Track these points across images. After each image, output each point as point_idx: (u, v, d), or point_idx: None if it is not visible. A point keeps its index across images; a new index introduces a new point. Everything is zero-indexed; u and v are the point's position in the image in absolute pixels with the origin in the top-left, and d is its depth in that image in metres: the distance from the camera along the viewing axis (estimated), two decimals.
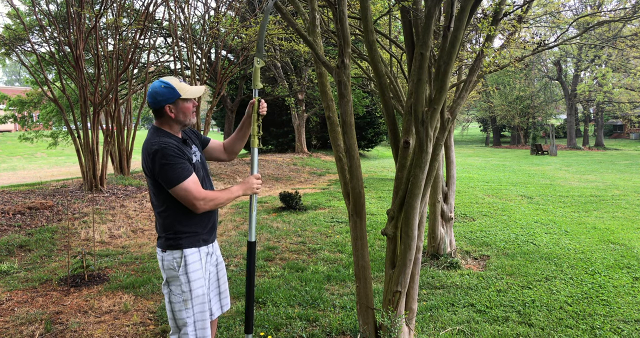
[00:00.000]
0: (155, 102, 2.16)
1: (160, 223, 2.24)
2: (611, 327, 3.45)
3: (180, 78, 2.28)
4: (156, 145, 2.09)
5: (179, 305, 2.22)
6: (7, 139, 27.85)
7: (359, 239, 2.89)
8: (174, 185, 2.09)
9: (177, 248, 2.21)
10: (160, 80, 2.19)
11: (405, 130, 2.77)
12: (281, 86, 18.70)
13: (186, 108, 2.22)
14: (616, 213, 7.83)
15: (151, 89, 2.17)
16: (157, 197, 2.20)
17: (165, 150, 2.08)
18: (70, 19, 8.83)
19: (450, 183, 5.34)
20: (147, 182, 2.25)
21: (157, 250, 2.30)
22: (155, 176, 2.12)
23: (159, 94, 2.15)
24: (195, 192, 2.12)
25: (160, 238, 2.27)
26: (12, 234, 5.97)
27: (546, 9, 5.93)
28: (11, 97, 16.55)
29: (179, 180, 2.09)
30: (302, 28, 3.13)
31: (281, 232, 6.53)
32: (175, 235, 2.21)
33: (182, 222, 2.21)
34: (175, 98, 2.17)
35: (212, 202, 2.18)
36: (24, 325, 3.44)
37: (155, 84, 2.17)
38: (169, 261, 2.21)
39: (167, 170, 2.08)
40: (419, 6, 2.86)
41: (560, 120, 47.30)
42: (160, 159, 2.07)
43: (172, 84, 2.17)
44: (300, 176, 14.46)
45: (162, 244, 2.23)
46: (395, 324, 2.74)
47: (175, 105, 2.19)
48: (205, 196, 2.15)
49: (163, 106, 2.17)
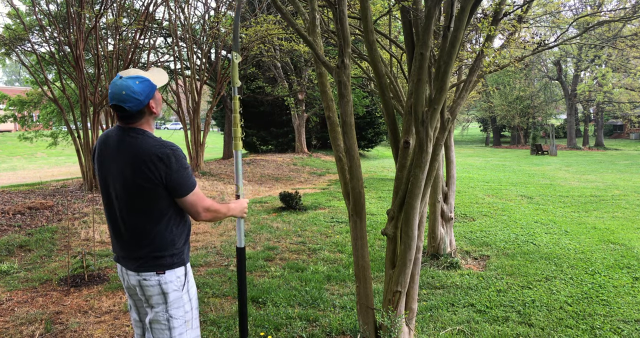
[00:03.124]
0: (137, 103, 1.84)
1: (156, 242, 1.91)
2: (611, 327, 3.45)
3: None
4: (168, 149, 1.84)
5: (181, 328, 1.98)
6: (7, 139, 27.86)
7: (359, 239, 2.89)
8: (189, 191, 1.89)
9: (181, 265, 1.98)
10: (128, 77, 1.85)
11: (405, 130, 2.77)
12: (281, 86, 18.70)
13: (160, 98, 1.98)
14: (616, 213, 7.83)
15: (125, 90, 1.81)
16: (153, 211, 1.89)
17: (180, 153, 1.88)
18: (70, 19, 8.83)
19: (450, 184, 5.34)
20: (130, 198, 1.88)
21: (147, 275, 1.91)
22: (165, 183, 1.85)
23: (138, 92, 1.83)
24: (205, 200, 1.96)
25: (156, 258, 1.92)
26: (12, 234, 5.97)
27: (546, 9, 5.93)
28: (11, 97, 16.55)
29: (194, 185, 1.92)
30: (302, 28, 3.13)
31: (281, 232, 6.53)
32: (178, 250, 1.97)
33: (181, 235, 2.00)
34: (154, 90, 1.91)
35: (214, 213, 2.01)
36: (24, 325, 3.44)
37: (127, 83, 1.83)
38: (173, 282, 1.94)
39: (184, 175, 1.87)
40: (419, 6, 2.86)
41: (560, 120, 47.31)
42: (176, 163, 1.85)
43: (144, 76, 1.88)
44: (300, 176, 14.46)
45: (164, 264, 1.93)
46: (395, 324, 2.74)
47: (154, 99, 1.92)
48: (210, 205, 1.98)
49: (148, 104, 1.89)
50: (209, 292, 4.12)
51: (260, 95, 19.43)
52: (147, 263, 1.91)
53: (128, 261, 1.96)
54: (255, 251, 5.53)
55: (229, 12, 14.61)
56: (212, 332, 3.31)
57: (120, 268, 2.03)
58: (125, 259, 1.97)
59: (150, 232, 1.90)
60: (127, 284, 2.01)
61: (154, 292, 1.92)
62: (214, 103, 14.65)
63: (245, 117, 18.00)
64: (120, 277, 2.04)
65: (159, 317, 1.94)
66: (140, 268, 1.91)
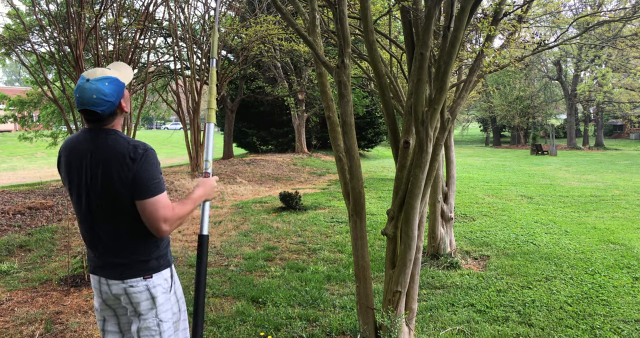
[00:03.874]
0: (109, 106, 1.76)
1: (140, 246, 1.83)
2: (611, 327, 3.45)
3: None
4: (141, 148, 1.75)
5: (169, 331, 1.89)
6: (7, 139, 27.86)
7: (359, 239, 2.89)
8: (152, 194, 1.73)
9: (167, 267, 1.91)
10: (96, 79, 1.75)
11: (405, 130, 2.77)
12: (281, 86, 18.70)
13: (128, 95, 1.89)
14: (616, 213, 7.83)
15: (95, 94, 1.72)
16: (133, 213, 1.79)
17: (153, 153, 1.77)
18: (70, 19, 8.83)
19: (450, 184, 5.34)
20: (104, 200, 1.78)
21: (134, 281, 1.82)
22: (132, 181, 1.73)
23: (109, 94, 1.75)
24: (166, 209, 1.76)
25: (142, 262, 1.83)
26: (12, 234, 5.97)
27: (546, 9, 5.93)
28: (11, 97, 16.55)
29: (160, 191, 1.76)
30: (302, 28, 3.13)
31: (281, 232, 6.53)
32: (162, 252, 1.89)
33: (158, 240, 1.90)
34: (123, 88, 1.82)
35: (179, 220, 1.82)
36: (24, 325, 3.44)
37: (96, 87, 1.73)
38: (161, 285, 1.86)
39: (151, 176, 1.74)
40: (419, 6, 2.87)
41: (560, 120, 47.30)
42: (146, 162, 1.74)
43: (112, 76, 1.78)
44: (300, 176, 14.46)
45: (151, 268, 1.84)
46: (395, 324, 2.74)
47: (124, 97, 1.84)
48: (171, 215, 1.77)
49: (119, 104, 1.81)
50: (209, 292, 4.12)
51: (260, 95, 19.42)
52: (133, 269, 1.82)
53: (109, 270, 1.84)
54: (255, 251, 5.53)
55: (229, 12, 14.62)
56: (212, 332, 3.31)
57: (97, 280, 1.88)
58: (104, 268, 1.85)
59: (132, 236, 1.81)
60: (105, 296, 1.88)
61: (142, 298, 1.83)
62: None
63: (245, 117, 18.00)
64: (97, 290, 1.89)
65: (149, 324, 1.85)
66: (125, 274, 1.81)
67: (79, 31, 8.83)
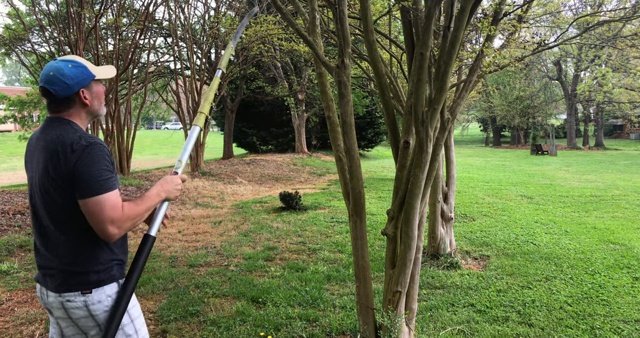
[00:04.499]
0: (64, 88, 1.62)
1: (76, 254, 1.61)
2: (611, 327, 3.45)
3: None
4: (85, 141, 1.57)
5: None
6: (7, 139, 27.85)
7: (359, 239, 2.89)
8: (95, 193, 1.53)
9: (111, 281, 1.65)
10: (62, 59, 1.66)
11: (405, 130, 2.77)
12: (281, 86, 18.70)
13: (100, 93, 1.75)
14: (616, 213, 7.83)
15: (53, 71, 1.61)
16: (72, 214, 1.58)
17: (100, 149, 1.58)
18: (70, 19, 8.84)
19: (450, 184, 5.34)
20: (46, 197, 1.60)
21: (71, 296, 1.60)
22: (71, 178, 1.55)
23: (67, 75, 1.62)
24: (115, 210, 1.55)
25: (78, 275, 1.60)
26: (12, 234, 5.97)
27: (546, 8, 5.93)
28: (11, 97, 16.54)
29: (106, 189, 1.55)
30: (302, 28, 3.14)
31: (281, 232, 6.53)
32: (104, 265, 1.64)
33: (108, 246, 1.66)
34: (90, 79, 1.68)
35: (132, 221, 1.60)
36: (24, 325, 3.44)
37: (58, 65, 1.63)
38: (102, 302, 1.62)
39: (93, 173, 1.55)
40: (419, 6, 2.87)
41: (560, 120, 47.30)
42: (89, 157, 1.55)
43: (82, 63, 1.68)
44: (300, 176, 14.46)
45: (89, 282, 1.61)
46: (395, 324, 2.74)
47: (89, 90, 1.69)
48: (120, 216, 1.56)
49: (77, 91, 1.65)
50: (209, 292, 4.12)
51: (260, 95, 19.43)
52: (69, 281, 1.60)
53: (47, 279, 1.64)
54: (255, 251, 5.53)
55: (229, 12, 14.63)
56: (212, 332, 3.31)
57: (39, 289, 1.70)
58: (44, 277, 1.66)
59: (73, 242, 1.61)
60: (49, 307, 1.68)
61: (80, 314, 1.61)
62: (214, 103, 14.64)
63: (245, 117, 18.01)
64: (41, 300, 1.71)
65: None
66: (61, 287, 1.60)
67: (79, 31, 8.83)
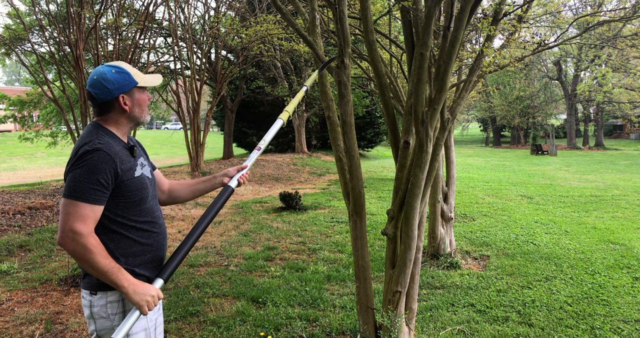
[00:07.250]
0: (105, 92, 1.64)
1: None
2: (611, 327, 3.45)
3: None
4: (87, 146, 1.58)
5: None
6: (7, 139, 27.84)
7: (359, 239, 2.89)
8: (70, 196, 1.53)
9: (114, 288, 1.61)
10: (108, 64, 1.69)
11: (405, 130, 2.77)
12: (281, 86, 18.70)
13: (143, 100, 1.75)
14: (616, 213, 7.83)
15: (97, 76, 1.64)
16: None
17: (93, 155, 1.56)
18: (70, 19, 8.83)
19: (450, 184, 5.34)
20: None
21: (84, 293, 1.68)
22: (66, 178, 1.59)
23: (109, 81, 1.64)
24: (84, 222, 1.52)
25: (87, 274, 1.65)
26: (12, 234, 5.97)
27: (546, 8, 5.93)
28: (11, 97, 16.53)
29: (79, 196, 1.52)
30: (302, 28, 3.14)
31: (281, 232, 6.53)
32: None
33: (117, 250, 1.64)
34: (131, 86, 1.69)
35: (87, 251, 1.50)
36: (24, 325, 3.44)
37: (102, 70, 1.66)
38: (101, 307, 1.64)
39: (76, 176, 1.54)
40: (419, 6, 2.87)
41: (560, 120, 47.29)
42: (78, 160, 1.56)
43: (126, 69, 1.69)
44: (300, 176, 14.46)
45: (92, 283, 1.64)
46: (395, 324, 2.74)
47: (130, 96, 1.70)
48: (84, 234, 1.51)
49: (116, 96, 1.66)
50: (209, 292, 4.12)
51: (260, 95, 19.43)
52: (85, 280, 1.67)
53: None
54: (255, 251, 5.53)
55: (229, 12, 14.62)
56: (212, 332, 3.31)
57: None
58: None
59: None
60: None
61: (87, 312, 1.67)
62: (214, 103, 14.64)
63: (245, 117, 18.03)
64: None
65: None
66: (83, 283, 1.69)
67: (79, 31, 8.83)
